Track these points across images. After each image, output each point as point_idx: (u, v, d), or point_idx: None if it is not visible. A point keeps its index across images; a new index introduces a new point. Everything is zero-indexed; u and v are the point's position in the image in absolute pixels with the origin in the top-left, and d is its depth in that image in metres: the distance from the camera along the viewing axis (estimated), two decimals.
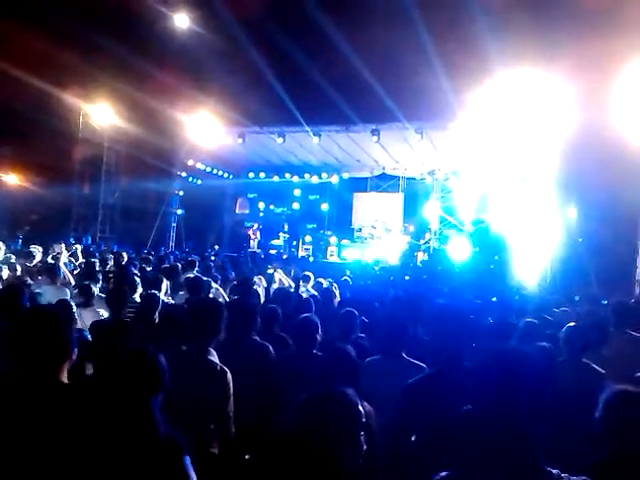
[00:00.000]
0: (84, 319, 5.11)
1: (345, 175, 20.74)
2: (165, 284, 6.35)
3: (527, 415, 1.70)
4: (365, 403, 2.91)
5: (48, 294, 5.88)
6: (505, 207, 14.83)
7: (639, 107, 10.65)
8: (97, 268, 7.95)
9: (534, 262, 13.01)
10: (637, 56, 10.34)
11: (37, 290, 5.99)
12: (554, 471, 1.72)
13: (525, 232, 13.35)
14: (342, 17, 12.07)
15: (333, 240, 19.37)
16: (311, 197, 22.07)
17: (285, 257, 17.29)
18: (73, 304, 5.04)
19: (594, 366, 3.95)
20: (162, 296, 6.06)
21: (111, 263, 9.49)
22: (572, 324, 4.29)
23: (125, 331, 4.59)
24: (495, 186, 16.12)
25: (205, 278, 6.96)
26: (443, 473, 1.81)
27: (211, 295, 6.38)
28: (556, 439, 2.38)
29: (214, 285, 7.08)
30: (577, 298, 8.64)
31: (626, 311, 5.11)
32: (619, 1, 9.72)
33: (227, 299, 6.74)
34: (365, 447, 2.10)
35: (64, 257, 8.71)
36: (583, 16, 10.03)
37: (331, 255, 18.64)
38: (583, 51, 9.84)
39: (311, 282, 8.27)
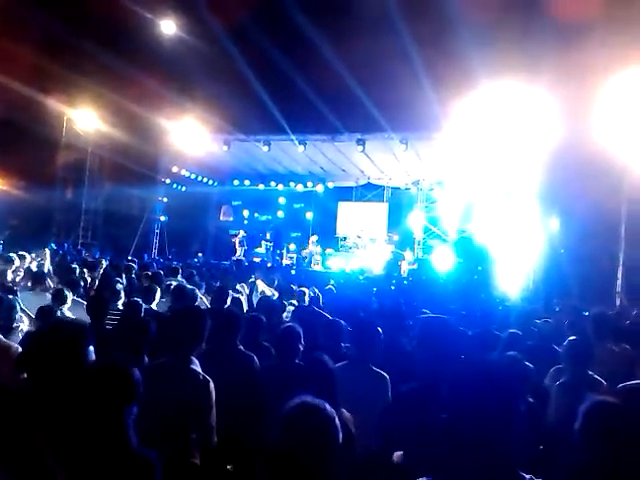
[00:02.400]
0: None
1: (330, 184, 20.80)
2: (158, 293, 6.26)
3: (501, 422, 1.72)
4: (343, 410, 2.93)
5: (28, 300, 5.79)
6: (489, 218, 14.93)
7: (620, 120, 10.83)
8: (77, 274, 7.84)
9: (517, 273, 13.10)
10: (618, 70, 10.53)
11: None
12: (527, 476, 1.76)
13: (508, 243, 13.44)
14: (329, 27, 12.16)
15: (317, 249, 19.34)
16: (296, 206, 22.08)
17: (269, 265, 17.21)
18: None
19: (597, 377, 3.88)
20: (154, 305, 6.00)
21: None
22: (573, 338, 4.13)
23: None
24: (479, 197, 16.23)
25: (190, 286, 6.89)
26: (422, 479, 1.83)
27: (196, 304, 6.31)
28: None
29: (199, 294, 7.02)
30: (557, 309, 8.70)
31: (606, 322, 5.09)
32: (600, 16, 9.89)
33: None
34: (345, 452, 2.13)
35: (48, 263, 8.58)
36: (565, 31, 10.20)
37: (315, 264, 18.62)
38: (565, 65, 10.00)
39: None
